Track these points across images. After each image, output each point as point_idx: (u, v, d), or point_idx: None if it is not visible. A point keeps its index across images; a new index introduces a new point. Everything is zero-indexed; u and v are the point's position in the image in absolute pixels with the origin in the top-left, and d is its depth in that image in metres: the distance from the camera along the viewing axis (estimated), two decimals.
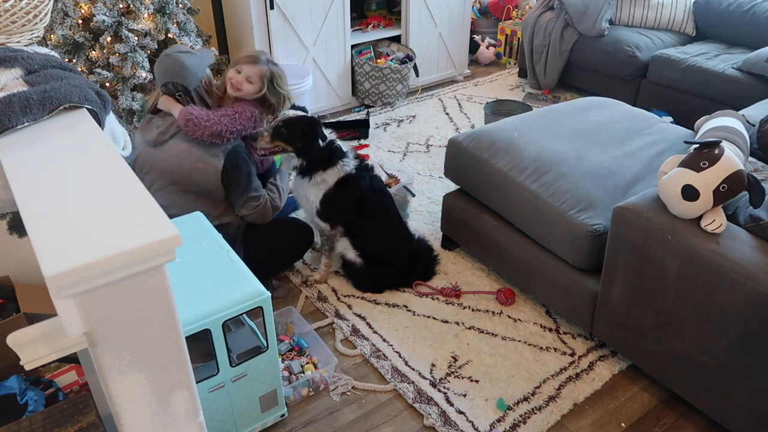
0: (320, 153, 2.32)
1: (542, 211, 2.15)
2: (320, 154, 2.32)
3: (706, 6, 3.95)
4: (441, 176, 3.19)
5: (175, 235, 0.79)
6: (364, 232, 2.44)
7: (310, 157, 2.32)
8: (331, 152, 2.34)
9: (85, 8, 2.87)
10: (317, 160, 2.33)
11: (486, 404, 1.99)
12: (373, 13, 4.35)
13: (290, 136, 2.28)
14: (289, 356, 2.12)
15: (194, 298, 1.63)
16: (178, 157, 2.20)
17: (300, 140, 2.29)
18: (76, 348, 0.86)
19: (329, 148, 2.34)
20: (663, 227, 1.75)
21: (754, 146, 2.27)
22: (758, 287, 1.56)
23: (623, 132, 2.49)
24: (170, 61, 2.24)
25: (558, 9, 4.14)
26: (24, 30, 1.26)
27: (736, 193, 1.69)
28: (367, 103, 4.13)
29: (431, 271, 2.58)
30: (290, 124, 2.28)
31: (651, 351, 1.93)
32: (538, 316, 2.35)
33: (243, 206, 2.29)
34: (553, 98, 4.22)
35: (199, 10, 3.32)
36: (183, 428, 0.98)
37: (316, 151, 2.31)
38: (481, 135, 2.46)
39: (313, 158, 2.33)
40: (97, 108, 1.17)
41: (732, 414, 1.77)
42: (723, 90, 3.41)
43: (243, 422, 1.83)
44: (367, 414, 1.98)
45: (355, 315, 2.36)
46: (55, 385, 1.82)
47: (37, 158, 1.00)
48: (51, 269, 0.72)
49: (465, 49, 4.57)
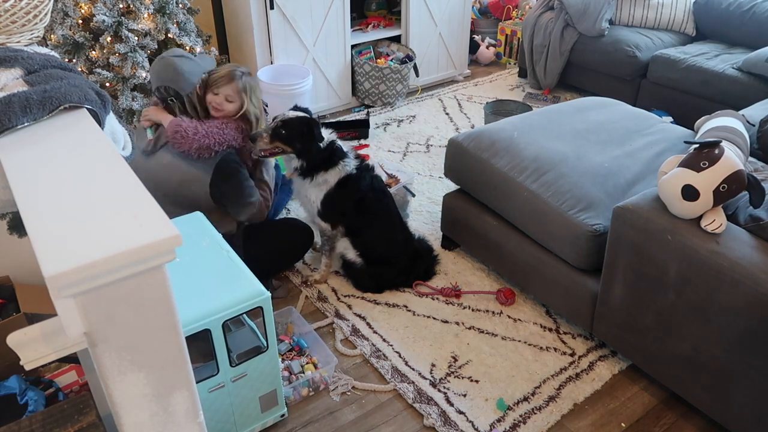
0: (320, 153, 2.32)
1: (542, 211, 2.15)
2: (320, 155, 2.32)
3: (706, 6, 3.95)
4: (441, 176, 3.19)
5: (175, 235, 0.79)
6: (365, 232, 2.44)
7: (310, 158, 2.32)
8: (332, 153, 2.34)
9: (85, 8, 2.87)
10: (318, 161, 2.33)
11: (486, 404, 1.99)
12: (373, 13, 4.35)
13: (289, 137, 2.27)
14: (289, 356, 2.12)
15: (194, 298, 1.63)
16: (166, 168, 2.18)
17: (299, 141, 2.28)
18: (76, 348, 0.86)
19: (330, 148, 2.34)
20: (663, 227, 1.75)
21: (754, 146, 2.27)
22: (758, 287, 1.56)
23: (623, 132, 2.49)
24: (165, 65, 2.21)
25: (558, 9, 4.14)
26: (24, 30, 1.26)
27: (736, 193, 1.69)
28: (367, 103, 4.13)
29: (431, 271, 2.58)
30: (289, 125, 2.27)
31: (651, 351, 1.93)
32: (538, 316, 2.35)
33: (240, 213, 2.28)
34: (553, 98, 4.22)
35: (199, 10, 3.32)
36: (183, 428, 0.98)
37: (316, 151, 2.30)
38: (481, 135, 2.46)
39: (313, 159, 2.32)
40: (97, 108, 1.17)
41: (732, 414, 1.77)
42: (723, 90, 3.41)
43: (243, 422, 1.83)
44: (367, 414, 1.98)
45: (355, 315, 2.36)
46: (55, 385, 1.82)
47: (37, 158, 1.00)
48: (51, 269, 0.72)
49: (465, 49, 4.57)
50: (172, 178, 2.17)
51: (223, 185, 2.21)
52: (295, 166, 2.35)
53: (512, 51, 4.89)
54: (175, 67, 2.20)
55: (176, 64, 2.20)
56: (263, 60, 3.60)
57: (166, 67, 2.21)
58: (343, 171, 2.35)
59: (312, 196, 2.38)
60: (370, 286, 2.48)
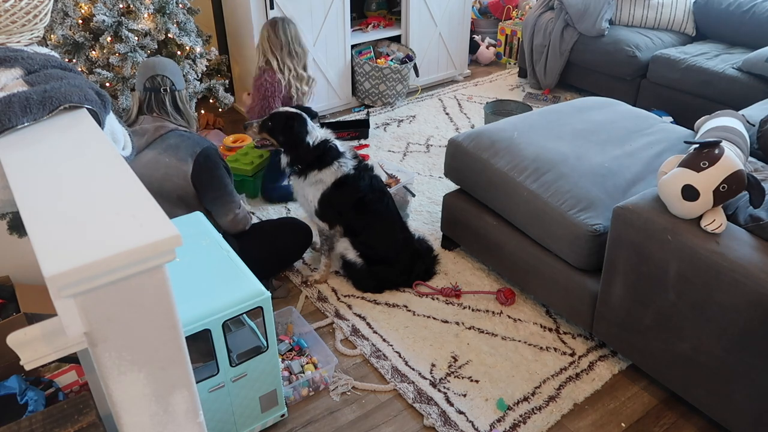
0: (310, 152, 2.33)
1: (542, 211, 2.15)
2: (310, 153, 2.33)
3: (706, 6, 3.95)
4: (441, 176, 3.19)
5: (175, 235, 0.79)
6: (365, 232, 2.44)
7: (297, 155, 2.35)
8: (324, 152, 2.34)
9: (85, 8, 2.87)
10: (308, 159, 2.34)
11: (486, 404, 1.99)
12: (373, 13, 4.36)
13: (273, 129, 2.37)
14: (289, 356, 2.12)
15: (194, 298, 1.63)
16: (147, 167, 2.16)
17: (281, 134, 2.35)
18: (76, 348, 0.86)
19: (322, 147, 2.34)
20: (663, 227, 1.75)
21: (754, 146, 2.27)
22: (758, 287, 1.56)
23: (623, 132, 2.49)
24: (162, 60, 2.26)
25: (558, 9, 4.14)
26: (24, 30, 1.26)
27: (736, 193, 1.69)
28: (367, 103, 4.13)
29: (431, 271, 2.58)
30: (275, 117, 2.38)
31: (651, 351, 1.93)
32: (538, 316, 2.35)
33: (223, 213, 2.25)
34: (553, 98, 4.22)
35: (199, 10, 3.33)
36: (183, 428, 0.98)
37: (304, 149, 2.32)
38: (481, 135, 2.46)
39: (299, 156, 2.34)
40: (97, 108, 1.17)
41: (732, 414, 1.77)
42: (723, 90, 3.41)
43: (243, 422, 1.83)
44: (367, 414, 1.98)
45: (355, 315, 2.36)
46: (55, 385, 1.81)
47: (37, 158, 1.00)
48: (51, 269, 0.72)
49: (465, 49, 4.57)
50: (154, 174, 2.15)
51: (204, 178, 2.18)
52: (285, 162, 2.39)
53: (512, 51, 4.89)
54: (175, 65, 2.24)
55: (170, 62, 2.26)
56: None
57: (163, 61, 2.25)
58: (339, 171, 2.35)
59: (309, 196, 2.39)
60: (370, 286, 2.48)
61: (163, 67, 2.22)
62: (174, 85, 2.22)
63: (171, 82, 2.21)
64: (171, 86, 2.22)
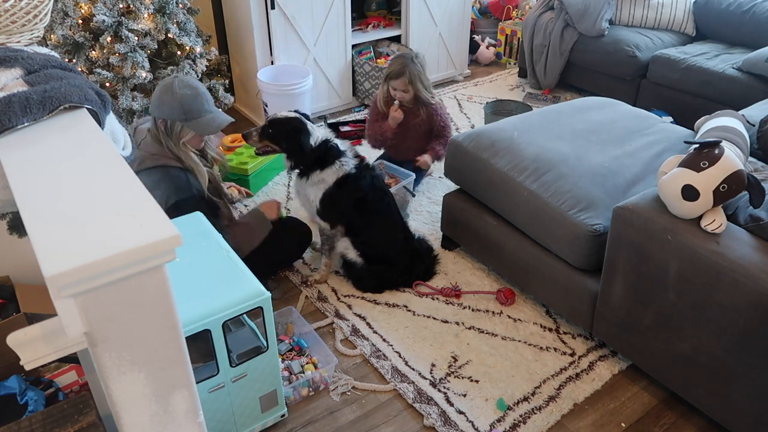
0: (312, 153, 2.33)
1: (542, 211, 2.15)
2: (312, 155, 2.33)
3: (706, 6, 3.95)
4: (441, 176, 3.19)
5: (175, 235, 0.79)
6: (365, 231, 2.44)
7: (300, 158, 2.35)
8: (325, 152, 2.34)
9: (85, 8, 2.87)
10: (310, 160, 2.34)
11: (486, 404, 1.99)
12: (373, 13, 4.35)
13: (275, 136, 2.34)
14: (289, 356, 2.12)
15: (194, 298, 1.63)
16: None
17: (284, 140, 2.33)
18: (76, 348, 0.86)
19: (323, 147, 2.34)
20: (663, 227, 1.75)
21: (754, 146, 2.27)
22: (758, 287, 1.56)
23: (623, 132, 2.49)
24: None
25: (558, 9, 4.14)
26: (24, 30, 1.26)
27: (736, 193, 1.69)
28: (368, 103, 4.12)
29: (431, 271, 2.58)
30: (275, 124, 2.35)
31: (651, 351, 1.93)
32: (538, 316, 2.35)
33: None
34: (553, 98, 4.21)
35: (199, 10, 3.32)
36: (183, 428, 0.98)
37: (306, 151, 2.32)
38: (481, 135, 2.46)
39: (303, 159, 2.34)
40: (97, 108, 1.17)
41: (732, 414, 1.77)
42: (723, 90, 3.41)
43: (243, 422, 1.83)
44: (367, 414, 1.98)
45: (355, 315, 2.36)
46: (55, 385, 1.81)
47: (37, 158, 1.00)
48: (51, 269, 0.72)
49: (465, 49, 4.57)
50: None
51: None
52: (288, 165, 2.39)
53: (512, 51, 4.89)
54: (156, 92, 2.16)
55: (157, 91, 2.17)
56: (264, 60, 3.60)
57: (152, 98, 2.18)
58: (341, 170, 2.35)
59: (311, 196, 2.39)
60: (371, 286, 2.48)
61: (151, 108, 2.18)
62: (156, 119, 2.16)
63: (153, 119, 2.17)
64: (154, 121, 2.17)
